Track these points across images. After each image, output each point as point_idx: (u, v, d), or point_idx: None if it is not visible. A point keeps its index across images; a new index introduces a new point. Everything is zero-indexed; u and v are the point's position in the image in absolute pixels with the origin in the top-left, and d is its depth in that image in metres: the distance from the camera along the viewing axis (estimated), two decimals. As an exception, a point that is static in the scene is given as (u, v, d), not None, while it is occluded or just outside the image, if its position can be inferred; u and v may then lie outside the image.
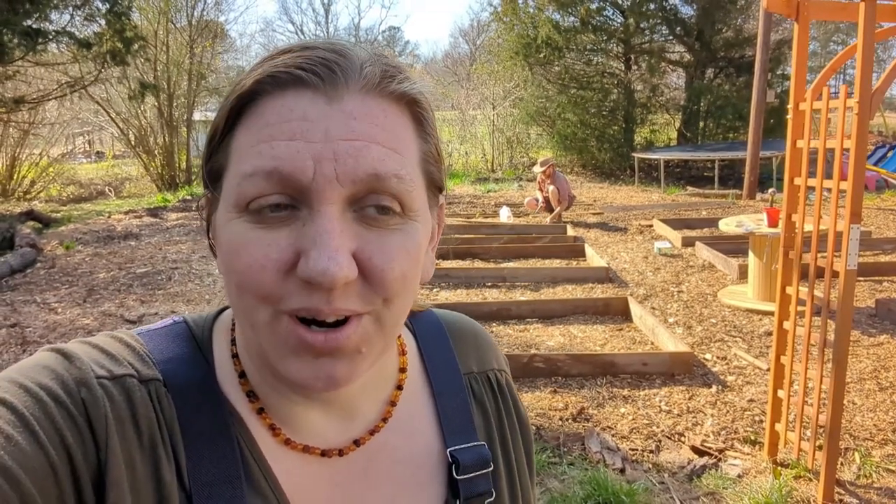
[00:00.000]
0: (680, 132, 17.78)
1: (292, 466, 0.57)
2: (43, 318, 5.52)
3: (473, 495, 0.64)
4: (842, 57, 3.01)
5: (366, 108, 0.50)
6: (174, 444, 0.52)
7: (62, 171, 16.91)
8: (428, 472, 0.63)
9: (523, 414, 0.75)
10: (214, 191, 0.55)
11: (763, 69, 11.48)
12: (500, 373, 0.75)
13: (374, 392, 0.62)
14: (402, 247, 0.51)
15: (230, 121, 0.53)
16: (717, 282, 6.30)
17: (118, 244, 8.72)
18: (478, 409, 0.69)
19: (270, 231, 0.49)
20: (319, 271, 0.47)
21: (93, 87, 13.22)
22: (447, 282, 6.41)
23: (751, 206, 10.64)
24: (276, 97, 0.50)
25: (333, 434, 0.60)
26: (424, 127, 0.56)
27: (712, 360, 4.43)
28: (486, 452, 0.66)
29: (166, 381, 0.54)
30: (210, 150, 0.55)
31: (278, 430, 0.57)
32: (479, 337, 0.76)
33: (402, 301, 0.53)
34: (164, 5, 15.85)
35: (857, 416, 3.62)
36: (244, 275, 0.49)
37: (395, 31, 53.50)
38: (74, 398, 0.49)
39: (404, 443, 0.63)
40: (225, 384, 0.57)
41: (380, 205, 0.50)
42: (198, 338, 0.60)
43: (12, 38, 9.52)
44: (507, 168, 17.70)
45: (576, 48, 16.85)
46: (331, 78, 0.50)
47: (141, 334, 0.58)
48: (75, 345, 0.54)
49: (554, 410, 3.73)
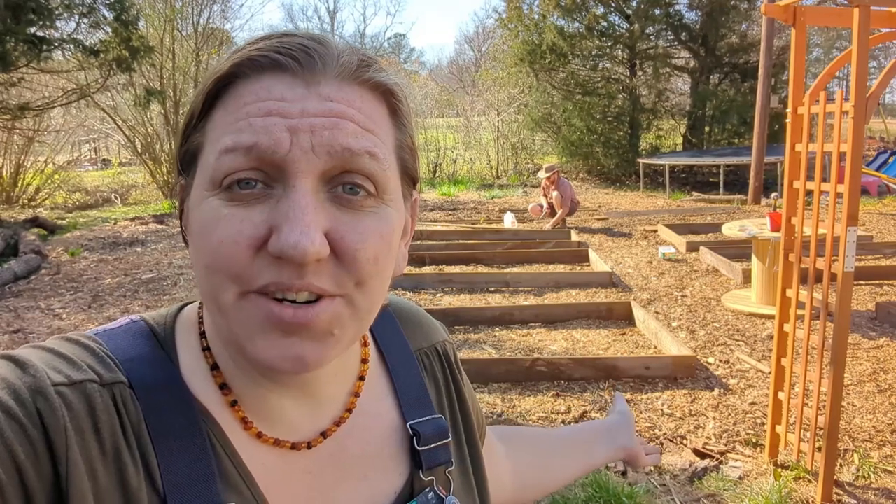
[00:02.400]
0: (685, 137, 17.78)
1: (265, 459, 0.57)
2: (47, 324, 5.57)
3: (435, 465, 0.66)
4: (839, 62, 3.03)
5: (342, 92, 0.51)
6: (142, 447, 0.51)
7: (68, 178, 16.99)
8: (394, 447, 0.65)
9: (466, 378, 0.79)
10: (188, 175, 0.55)
11: (767, 74, 11.49)
12: (446, 343, 0.78)
13: (340, 382, 0.63)
14: (375, 229, 0.51)
15: (207, 103, 0.53)
16: (721, 286, 6.31)
17: (124, 250, 8.78)
18: (430, 383, 0.72)
19: (244, 208, 0.49)
20: (291, 244, 0.46)
21: (98, 95, 13.31)
22: (450, 287, 6.43)
23: (756, 210, 10.64)
24: (254, 80, 0.51)
25: (303, 425, 0.60)
26: (400, 117, 0.56)
27: (715, 363, 4.44)
28: (444, 424, 0.69)
29: (131, 382, 0.52)
30: (186, 134, 0.55)
31: (250, 424, 0.57)
32: (420, 315, 0.79)
33: (375, 285, 0.52)
34: (170, 13, 15.97)
35: (857, 417, 3.62)
36: (216, 252, 0.49)
37: (400, 37, 53.71)
38: (28, 409, 0.46)
39: (369, 424, 0.65)
40: (193, 380, 0.56)
41: (353, 182, 0.50)
42: (159, 335, 0.58)
43: (16, 46, 9.60)
44: (511, 174, 17.72)
45: (581, 54, 16.88)
46: (309, 63, 0.51)
47: (98, 335, 0.56)
48: (28, 350, 0.52)
49: (556, 414, 3.74)
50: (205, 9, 17.10)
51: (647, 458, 1.08)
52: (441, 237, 8.92)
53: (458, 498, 0.68)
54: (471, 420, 0.75)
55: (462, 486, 0.70)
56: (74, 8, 10.61)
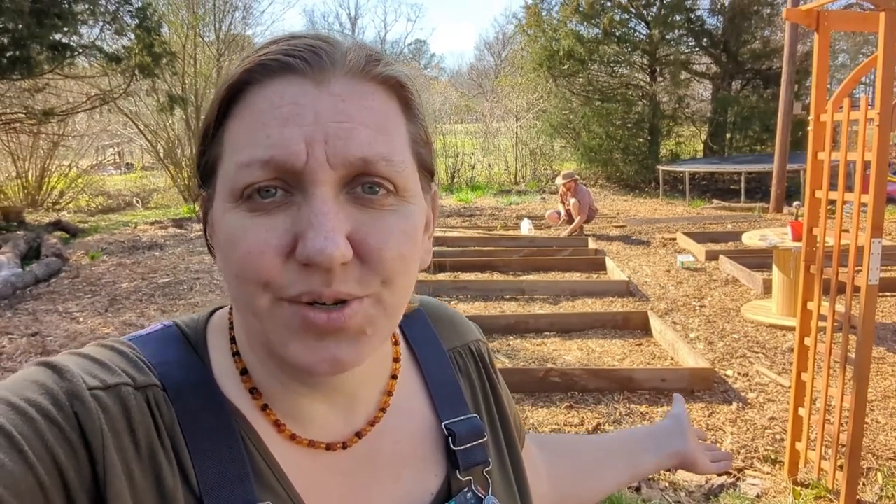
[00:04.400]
0: (706, 144, 17.60)
1: (299, 461, 0.57)
2: (64, 328, 5.60)
3: (472, 465, 0.66)
4: (864, 67, 2.94)
5: (353, 90, 0.51)
6: (177, 448, 0.52)
7: (91, 182, 17.22)
8: (428, 448, 0.65)
9: (501, 379, 0.78)
10: (208, 187, 0.55)
11: (790, 81, 11.33)
12: (480, 343, 0.78)
13: (373, 382, 0.63)
14: (397, 227, 0.52)
15: (221, 113, 0.53)
16: (741, 296, 6.19)
17: (142, 254, 8.84)
18: (465, 382, 0.72)
19: (268, 217, 0.49)
20: (317, 251, 0.47)
21: (122, 100, 13.46)
22: (465, 294, 6.38)
23: (777, 219, 10.46)
24: (266, 85, 0.51)
25: (336, 426, 0.60)
26: (412, 109, 0.56)
27: (733, 376, 4.34)
28: (479, 423, 0.68)
29: (164, 385, 0.54)
30: (203, 146, 0.55)
31: (283, 426, 0.57)
32: (453, 314, 0.79)
33: (401, 282, 0.53)
34: (193, 20, 16.13)
35: (881, 434, 3.51)
36: (244, 262, 0.50)
37: (420, 43, 53.88)
38: (66, 412, 0.48)
39: (403, 424, 0.65)
40: (226, 383, 0.57)
41: (372, 182, 0.51)
42: (191, 340, 0.59)
43: (40, 52, 9.73)
44: (530, 180, 17.65)
45: (599, 59, 16.78)
46: (318, 62, 0.51)
47: (133, 340, 0.58)
48: (65, 357, 0.53)
49: (569, 426, 3.67)
50: (227, 15, 17.27)
51: (709, 465, 1.01)
52: (457, 243, 8.88)
53: (498, 498, 0.67)
54: (508, 420, 0.75)
55: (501, 486, 0.69)
56: (99, 15, 10.74)
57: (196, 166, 0.57)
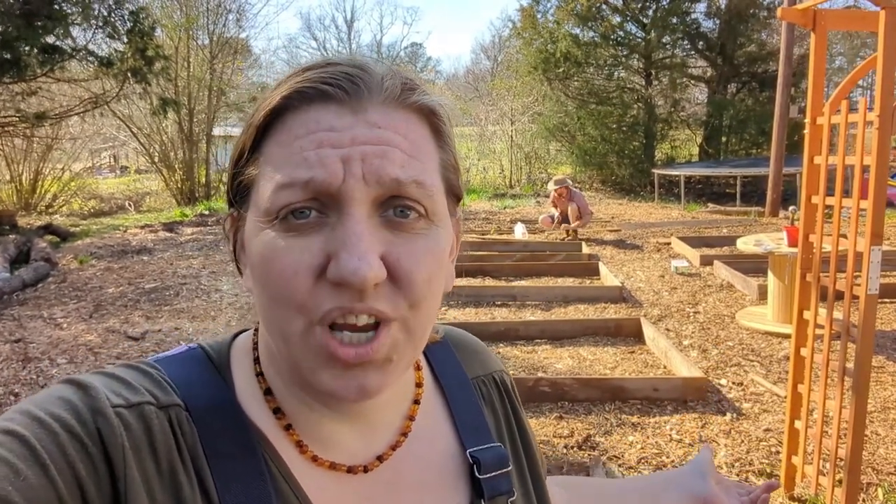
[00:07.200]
0: (701, 148, 17.55)
1: (321, 483, 0.57)
2: (47, 334, 5.48)
3: (496, 494, 0.65)
4: (862, 69, 2.85)
5: (388, 118, 0.52)
6: (198, 467, 0.52)
7: (84, 185, 17.11)
8: (452, 475, 0.65)
9: (523, 410, 0.78)
10: (241, 208, 0.56)
11: (786, 83, 11.27)
12: (504, 373, 0.78)
13: (395, 406, 0.63)
14: (427, 250, 0.53)
15: (258, 137, 0.54)
16: (736, 302, 6.09)
17: (131, 259, 8.72)
18: (489, 411, 0.72)
19: (302, 238, 0.50)
20: (350, 271, 0.47)
21: (115, 103, 13.34)
22: (456, 300, 6.27)
23: (773, 223, 10.39)
24: (303, 111, 0.52)
25: (358, 449, 0.60)
26: (443, 136, 0.58)
27: (728, 385, 4.24)
28: (504, 452, 0.68)
29: (187, 405, 0.54)
30: (237, 168, 0.56)
31: (305, 448, 0.57)
32: (477, 344, 0.79)
33: (427, 306, 0.53)
34: (186, 22, 16.03)
35: (881, 448, 3.40)
36: (278, 282, 0.50)
37: (417, 47, 53.78)
38: (89, 428, 0.48)
39: (426, 450, 0.64)
40: (249, 404, 0.58)
41: (403, 205, 0.52)
42: (215, 361, 0.60)
43: (30, 54, 9.62)
44: (524, 184, 17.57)
45: (595, 62, 16.74)
46: (355, 91, 0.52)
47: (158, 361, 0.58)
48: (91, 376, 0.54)
49: (559, 437, 3.57)
50: (220, 17, 17.16)
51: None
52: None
53: None
54: (533, 451, 0.74)
55: None
56: (91, 18, 10.63)
57: (228, 187, 0.58)
